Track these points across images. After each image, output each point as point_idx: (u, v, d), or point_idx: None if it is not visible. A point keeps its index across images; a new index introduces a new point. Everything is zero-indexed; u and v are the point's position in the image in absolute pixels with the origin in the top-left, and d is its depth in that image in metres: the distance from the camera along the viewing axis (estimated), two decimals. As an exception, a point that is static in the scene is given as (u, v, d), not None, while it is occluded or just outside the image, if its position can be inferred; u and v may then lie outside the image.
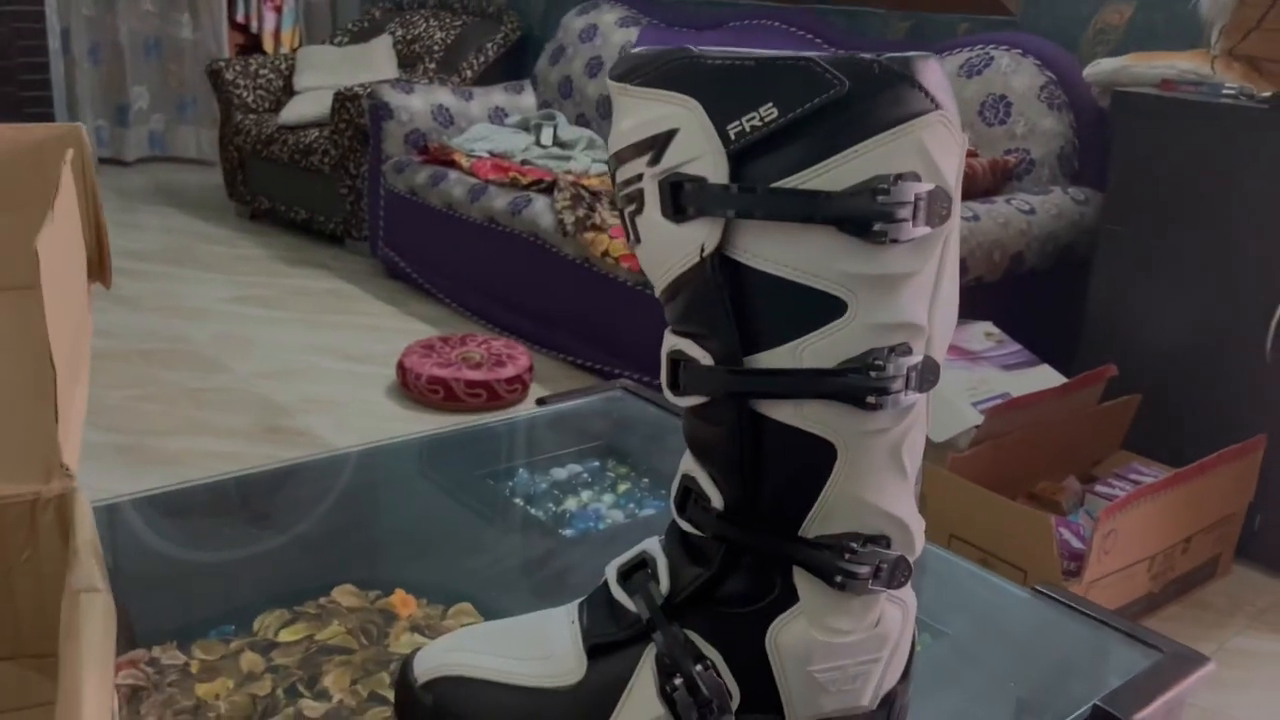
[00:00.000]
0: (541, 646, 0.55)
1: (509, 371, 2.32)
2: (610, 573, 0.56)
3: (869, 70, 0.46)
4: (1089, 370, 1.82)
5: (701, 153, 0.47)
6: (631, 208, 0.51)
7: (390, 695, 0.62)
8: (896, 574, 0.52)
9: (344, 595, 0.72)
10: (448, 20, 3.91)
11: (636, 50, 0.50)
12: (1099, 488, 1.68)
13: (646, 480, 0.95)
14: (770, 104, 0.46)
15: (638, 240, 0.52)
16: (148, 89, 4.86)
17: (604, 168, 3.12)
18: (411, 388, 2.31)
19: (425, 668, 0.54)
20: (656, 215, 0.49)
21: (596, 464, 0.97)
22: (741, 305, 0.48)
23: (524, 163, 3.02)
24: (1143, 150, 1.83)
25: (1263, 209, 1.70)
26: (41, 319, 0.69)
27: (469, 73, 3.67)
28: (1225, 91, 1.75)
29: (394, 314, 2.96)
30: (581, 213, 2.53)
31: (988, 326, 1.89)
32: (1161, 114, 1.80)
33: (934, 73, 0.48)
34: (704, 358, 0.50)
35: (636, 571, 0.55)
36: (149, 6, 4.77)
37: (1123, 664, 0.69)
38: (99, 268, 0.75)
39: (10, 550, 0.53)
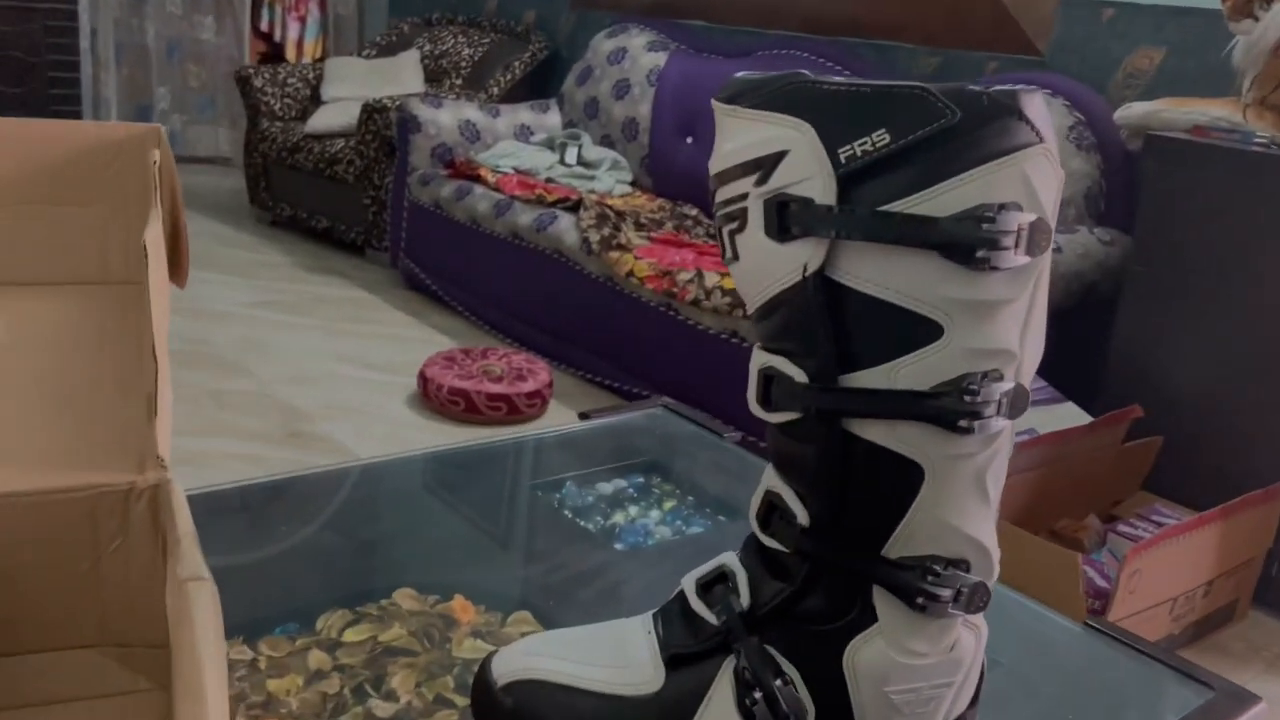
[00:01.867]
0: (619, 655, 0.55)
1: (529, 386, 2.33)
2: (689, 585, 0.57)
3: (979, 101, 0.47)
4: (1111, 409, 1.83)
5: (811, 174, 0.48)
6: (733, 225, 0.52)
7: (455, 699, 0.63)
8: (975, 599, 0.52)
9: (404, 598, 0.72)
10: (475, 37, 3.95)
11: (744, 74, 0.52)
12: (1121, 527, 1.69)
13: (691, 498, 0.95)
14: (883, 130, 0.47)
15: (735, 257, 0.53)
16: (170, 90, 4.90)
17: (627, 189, 3.14)
18: (432, 398, 2.32)
19: (504, 670, 0.55)
20: (760, 234, 0.50)
21: (641, 480, 0.98)
22: (839, 325, 0.49)
23: (549, 180, 3.04)
24: (1172, 194, 1.85)
25: (1291, 257, 1.72)
26: (126, 313, 0.70)
27: (495, 90, 3.70)
28: (1257, 140, 1.77)
29: (413, 324, 2.97)
30: (607, 231, 2.55)
31: (1012, 362, 1.90)
32: (1193, 159, 1.82)
33: (1039, 106, 0.49)
34: (798, 375, 0.51)
35: (715, 585, 0.56)
36: (174, 9, 4.81)
37: (1176, 701, 0.69)
38: (175, 268, 0.76)
39: (103, 539, 0.54)
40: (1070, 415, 1.78)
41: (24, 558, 0.53)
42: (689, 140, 3.11)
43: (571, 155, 3.20)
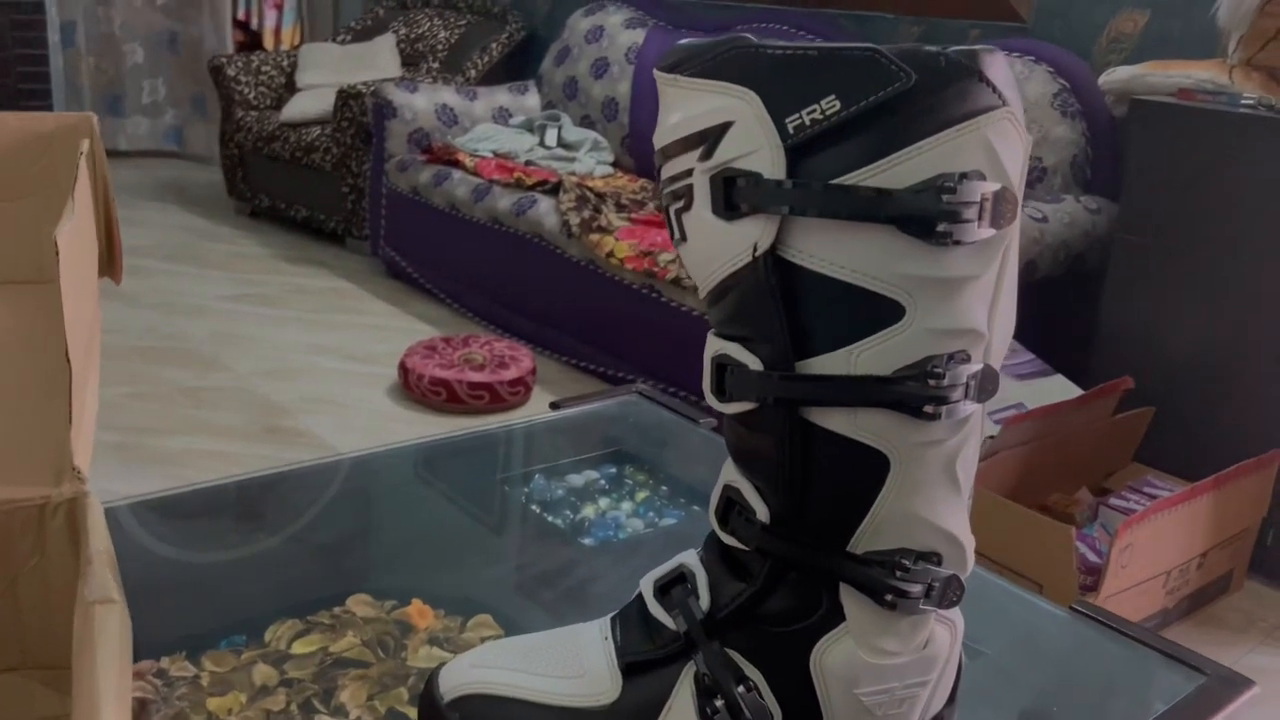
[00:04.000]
0: (574, 664, 0.52)
1: (512, 374, 2.30)
2: (646, 587, 0.54)
3: (935, 63, 0.44)
4: (1101, 380, 1.80)
5: (757, 147, 0.45)
6: (679, 204, 0.48)
7: (409, 712, 0.60)
8: (948, 593, 0.50)
9: (359, 605, 0.69)
10: (451, 19, 3.89)
11: (687, 41, 0.48)
12: (1113, 500, 1.66)
13: (665, 488, 0.92)
14: (832, 96, 0.44)
15: (683, 238, 0.49)
16: (147, 83, 4.82)
17: (608, 170, 3.10)
18: (413, 389, 2.28)
19: (451, 684, 0.52)
20: (706, 212, 0.47)
21: (613, 470, 0.94)
22: (794, 308, 0.46)
23: (528, 163, 2.99)
24: (1158, 159, 1.81)
25: (1278, 219, 1.69)
26: (55, 315, 0.66)
27: (473, 72, 3.65)
28: (1244, 101, 1.73)
29: (395, 313, 2.93)
30: (587, 214, 2.51)
31: (999, 335, 1.87)
32: (1179, 123, 1.78)
33: (1000, 67, 0.45)
34: (753, 362, 0.47)
35: (674, 586, 0.53)
36: (151, 0, 4.74)
37: (1166, 686, 0.66)
38: (109, 263, 0.73)
39: (17, 557, 0.50)
40: (1060, 388, 1.76)
41: (-65, 580, 0.50)
42: (670, 118, 3.06)
43: (551, 137, 3.15)
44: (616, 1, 3.34)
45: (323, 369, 2.48)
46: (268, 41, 6.02)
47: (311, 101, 3.63)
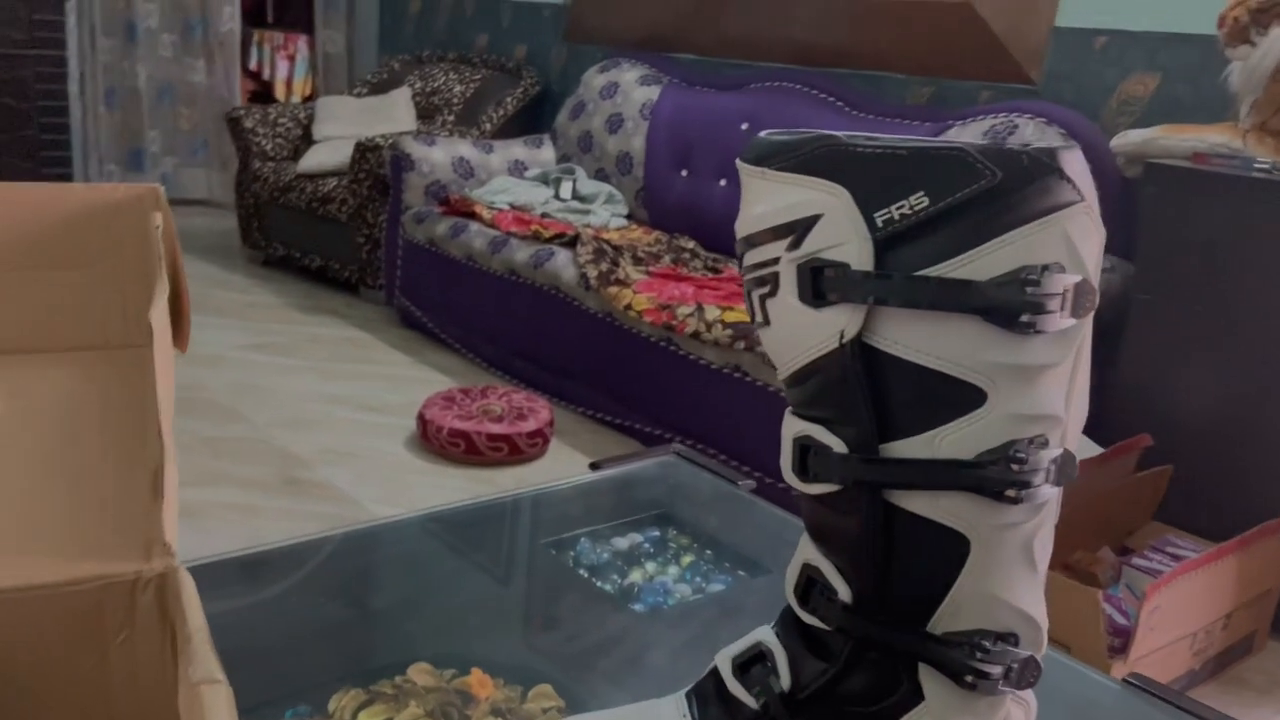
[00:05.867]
0: (654, 741, 0.53)
1: (530, 425, 2.31)
2: (724, 664, 0.54)
3: (1018, 161, 0.46)
4: (1119, 438, 1.81)
5: (846, 239, 0.46)
6: (764, 290, 0.50)
7: (477, 784, 0.60)
8: (1026, 674, 0.50)
9: (420, 674, 0.69)
10: (467, 74, 3.95)
11: (771, 134, 0.50)
12: (1136, 560, 1.66)
13: (709, 552, 0.93)
14: (921, 193, 0.45)
15: (766, 322, 0.51)
16: (160, 133, 4.89)
17: (623, 222, 3.14)
18: (432, 440, 2.29)
19: (534, 762, 0.52)
20: (793, 299, 0.48)
21: (656, 533, 0.95)
22: (879, 393, 0.47)
23: (544, 215, 3.03)
24: (1173, 221, 1.84)
25: (1296, 282, 1.71)
26: (127, 381, 0.67)
27: (488, 126, 3.70)
28: (1258, 165, 1.77)
29: (410, 363, 2.95)
30: (605, 267, 2.54)
31: (1018, 392, 1.88)
32: (1194, 186, 1.82)
33: (1079, 163, 0.47)
34: (836, 445, 0.48)
35: (752, 665, 0.53)
36: (165, 52, 4.81)
37: (1224, 761, 0.67)
38: (177, 333, 0.74)
39: (108, 632, 0.51)
40: (1081, 446, 1.76)
41: (27, 656, 0.51)
42: (684, 173, 3.11)
43: (566, 190, 3.19)
44: (631, 59, 3.41)
45: (340, 419, 2.49)
46: (279, 92, 6.11)
47: (328, 153, 3.68)
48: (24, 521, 0.56)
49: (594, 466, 1.07)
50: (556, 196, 3.18)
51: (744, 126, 2.93)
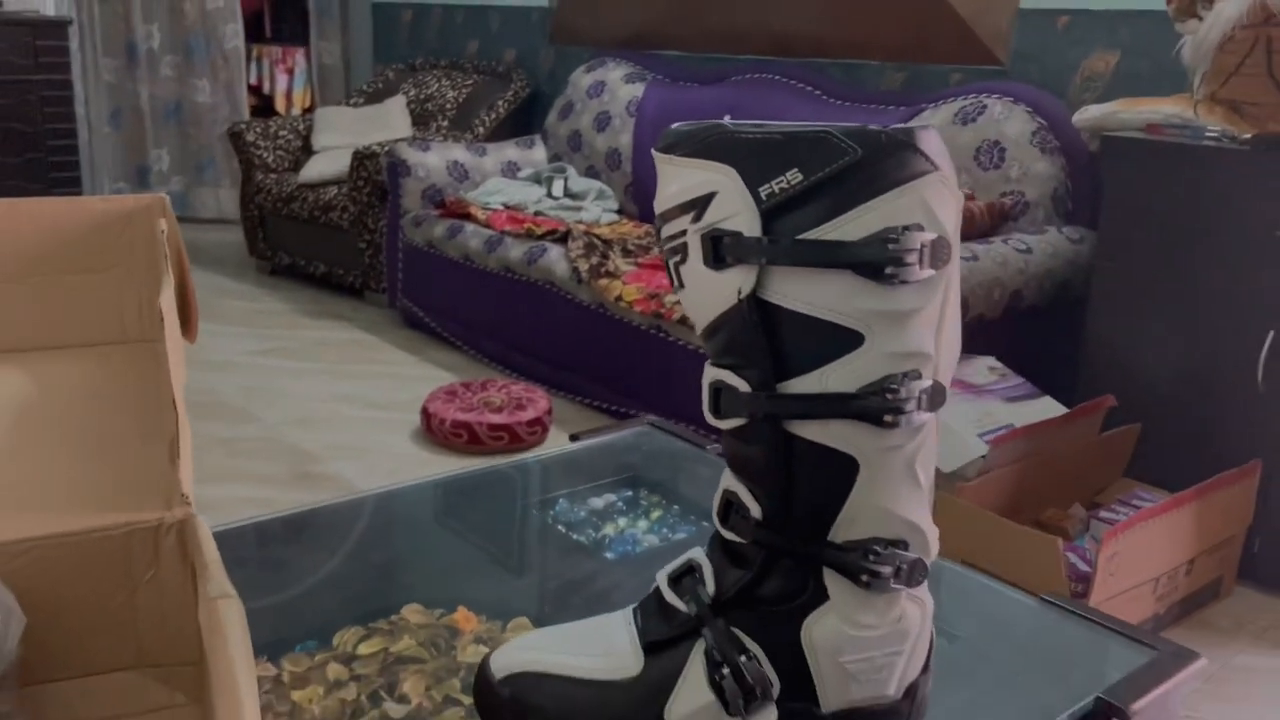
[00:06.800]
0: (603, 645, 0.62)
1: (529, 414, 2.40)
2: (661, 579, 0.63)
3: (878, 139, 0.55)
4: (1089, 399, 1.89)
5: (738, 211, 0.56)
6: (677, 259, 0.59)
7: (462, 699, 0.69)
8: (915, 574, 0.59)
9: (412, 613, 0.79)
10: (459, 79, 4.05)
11: (677, 126, 0.59)
12: (1103, 514, 1.75)
13: (676, 508, 1.02)
14: (796, 169, 0.54)
15: (681, 286, 0.60)
16: (167, 151, 5.00)
17: (614, 217, 3.23)
18: (436, 432, 2.39)
19: (501, 664, 0.62)
20: (699, 264, 0.57)
21: (629, 493, 1.04)
22: (774, 339, 0.56)
23: (537, 214, 3.12)
24: (1132, 191, 1.92)
25: (1246, 244, 1.79)
26: (146, 371, 0.77)
27: (481, 129, 3.80)
28: (1208, 134, 1.85)
29: (414, 362, 3.05)
30: (595, 260, 2.63)
31: (990, 361, 1.97)
32: (1149, 156, 1.90)
33: (933, 141, 0.56)
34: (742, 385, 0.58)
35: (684, 577, 0.63)
36: (168, 71, 4.92)
37: (1122, 662, 0.75)
38: (185, 325, 0.84)
39: (137, 571, 0.61)
40: (1047, 409, 1.85)
41: (67, 593, 0.60)
42: (671, 166, 3.19)
43: (558, 188, 3.28)
44: (616, 58, 3.50)
45: (347, 417, 2.59)
46: (279, 105, 6.21)
47: (328, 163, 3.78)
48: (61, 483, 0.65)
49: (574, 438, 1.16)
50: (549, 195, 3.28)
51: (726, 118, 3.00)
